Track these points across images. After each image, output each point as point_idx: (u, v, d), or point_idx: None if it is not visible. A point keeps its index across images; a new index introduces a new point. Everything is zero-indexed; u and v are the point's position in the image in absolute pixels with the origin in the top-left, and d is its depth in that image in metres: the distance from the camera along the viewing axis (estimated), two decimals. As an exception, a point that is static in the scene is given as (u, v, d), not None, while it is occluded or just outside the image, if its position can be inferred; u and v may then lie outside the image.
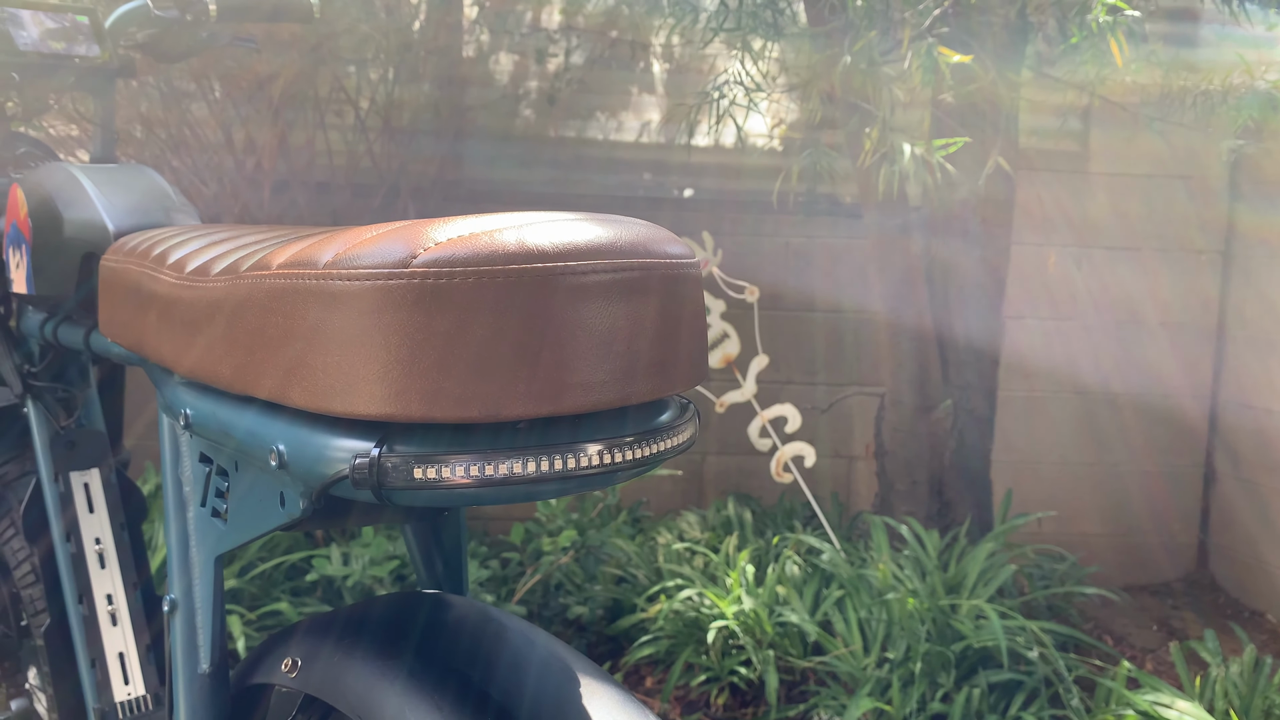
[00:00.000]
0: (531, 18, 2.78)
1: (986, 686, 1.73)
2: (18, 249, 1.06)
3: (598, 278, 0.47)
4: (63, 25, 1.21)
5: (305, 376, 0.49)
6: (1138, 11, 1.79)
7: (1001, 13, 1.97)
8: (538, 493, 0.49)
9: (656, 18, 2.44)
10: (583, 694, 0.56)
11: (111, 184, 0.96)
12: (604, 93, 2.85)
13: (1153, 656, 2.23)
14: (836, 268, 2.70)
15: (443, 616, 0.64)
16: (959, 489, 2.25)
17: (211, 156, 2.37)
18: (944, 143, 1.77)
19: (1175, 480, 2.78)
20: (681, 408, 0.56)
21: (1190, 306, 2.74)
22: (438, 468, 0.47)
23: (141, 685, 1.09)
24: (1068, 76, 2.20)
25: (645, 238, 0.51)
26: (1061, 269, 2.71)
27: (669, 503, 2.67)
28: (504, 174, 2.82)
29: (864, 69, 1.89)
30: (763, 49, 2.10)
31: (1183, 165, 2.68)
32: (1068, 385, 2.74)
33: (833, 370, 2.73)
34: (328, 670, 0.61)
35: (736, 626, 1.88)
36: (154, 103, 2.32)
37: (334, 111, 2.48)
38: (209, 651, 0.69)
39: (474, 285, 0.44)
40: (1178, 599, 2.66)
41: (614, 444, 0.49)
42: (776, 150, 2.80)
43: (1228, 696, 1.68)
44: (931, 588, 1.88)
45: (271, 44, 2.20)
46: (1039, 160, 2.64)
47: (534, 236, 0.47)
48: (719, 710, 1.88)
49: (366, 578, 1.98)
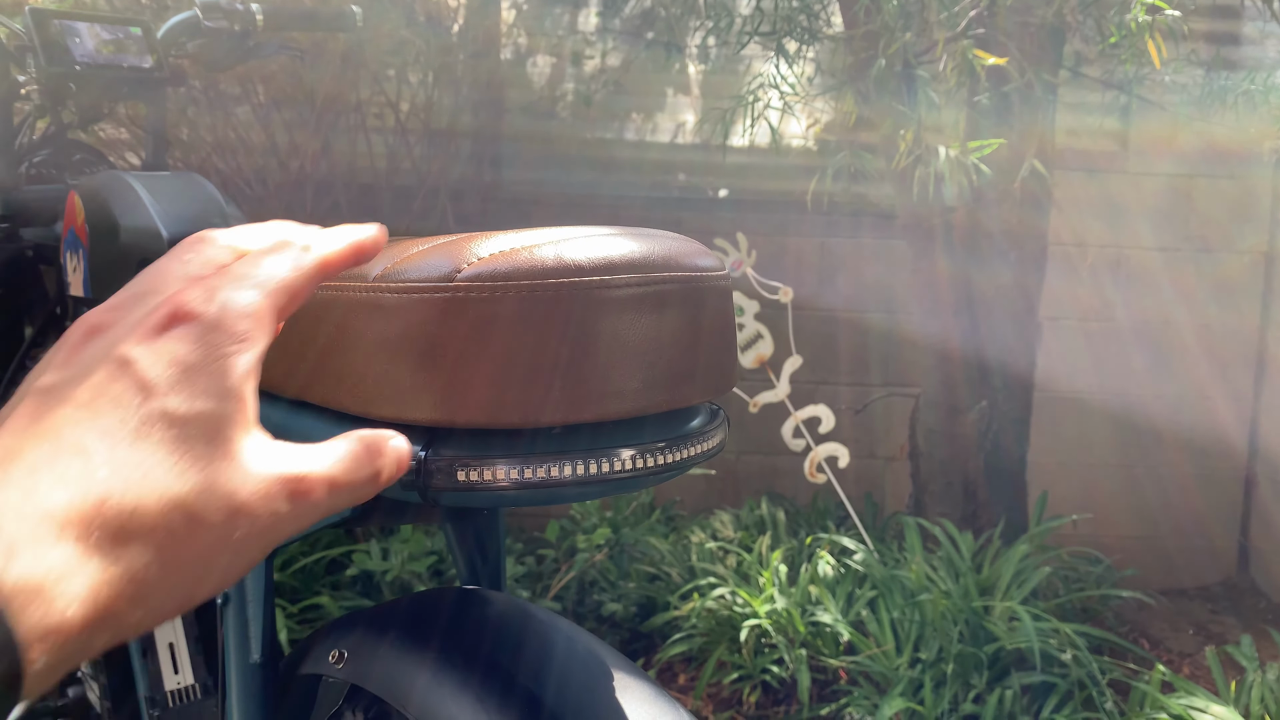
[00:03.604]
0: (568, 21, 2.81)
1: (1019, 688, 1.74)
2: (75, 253, 1.10)
3: (632, 291, 0.49)
4: (117, 36, 1.25)
5: (355, 383, 0.51)
6: (1177, 11, 1.77)
7: (1038, 13, 1.96)
8: (573, 495, 0.51)
9: (693, 20, 2.46)
10: (622, 693, 0.58)
11: (165, 192, 1.00)
12: (640, 94, 2.87)
13: (1189, 661, 2.22)
14: (871, 269, 2.70)
15: (484, 612, 0.66)
16: (993, 490, 2.24)
17: (256, 159, 2.43)
18: (979, 144, 1.77)
19: (1214, 483, 2.75)
20: (712, 414, 0.58)
21: (1231, 308, 2.71)
22: (480, 470, 0.49)
23: (190, 675, 1.13)
24: (1105, 77, 2.19)
25: (677, 251, 0.53)
26: (1099, 270, 2.69)
27: (702, 502, 2.69)
28: (541, 175, 2.85)
29: (899, 71, 1.90)
30: (797, 52, 2.11)
31: (1224, 165, 2.65)
32: (1104, 387, 2.72)
33: (867, 371, 2.73)
34: (373, 662, 0.63)
35: (769, 625, 1.89)
36: (200, 106, 2.38)
37: (375, 115, 2.52)
38: (260, 643, 0.72)
39: (514, 299, 0.47)
40: (1216, 603, 2.63)
41: (646, 449, 0.51)
42: (811, 151, 2.80)
43: (1264, 702, 1.66)
44: (965, 589, 1.89)
45: (314, 49, 2.25)
46: (1076, 160, 2.62)
47: (571, 252, 0.49)
48: (751, 708, 1.90)
49: (405, 572, 2.02)
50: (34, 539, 0.28)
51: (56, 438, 0.31)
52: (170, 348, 0.34)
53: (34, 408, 0.33)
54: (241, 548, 0.33)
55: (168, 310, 0.35)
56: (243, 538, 0.33)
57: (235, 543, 0.33)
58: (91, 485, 0.30)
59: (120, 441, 0.31)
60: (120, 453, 0.31)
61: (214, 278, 0.37)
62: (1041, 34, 2.02)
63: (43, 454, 0.30)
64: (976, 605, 1.84)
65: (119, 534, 0.30)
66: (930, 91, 1.90)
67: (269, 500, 0.34)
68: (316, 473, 0.36)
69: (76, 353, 0.35)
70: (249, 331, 0.35)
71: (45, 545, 0.28)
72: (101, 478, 0.30)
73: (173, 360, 0.34)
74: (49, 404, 0.32)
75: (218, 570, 0.33)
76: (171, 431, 0.32)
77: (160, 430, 0.32)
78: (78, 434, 0.31)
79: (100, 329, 0.36)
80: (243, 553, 0.34)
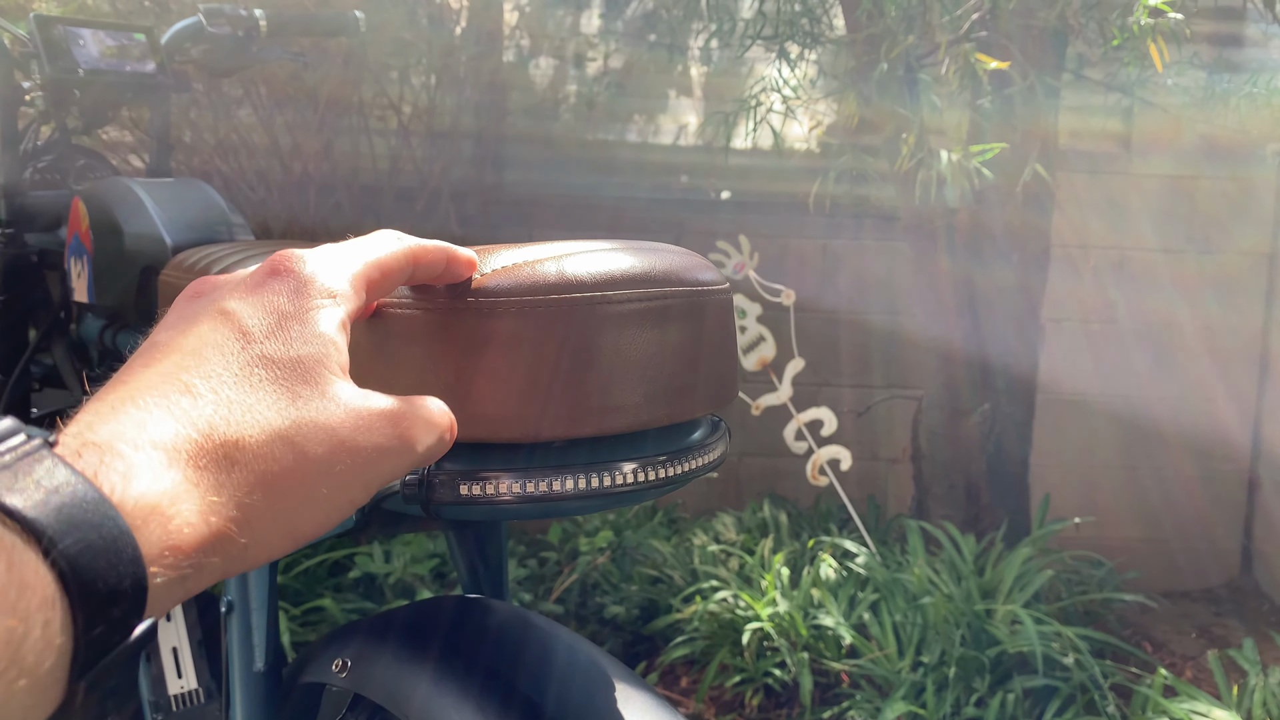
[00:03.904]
0: (571, 22, 2.81)
1: (1021, 692, 1.74)
2: (79, 259, 1.10)
3: (633, 306, 0.49)
4: (121, 42, 1.25)
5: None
6: (1180, 15, 1.77)
7: (1041, 16, 1.96)
8: (575, 508, 0.51)
9: (695, 22, 2.46)
10: (623, 702, 0.58)
11: (169, 199, 1.00)
12: (642, 96, 2.87)
13: (1192, 664, 2.22)
14: (873, 271, 2.70)
15: (487, 622, 0.66)
16: (996, 493, 2.24)
17: (258, 160, 2.43)
18: (981, 148, 1.77)
19: (1218, 485, 2.75)
20: (713, 426, 0.58)
21: (1234, 309, 2.71)
22: (482, 484, 0.50)
23: (194, 679, 1.13)
24: (1108, 79, 2.19)
25: (678, 266, 0.53)
26: (1102, 271, 2.69)
27: (704, 504, 2.69)
28: (543, 177, 2.85)
29: (901, 74, 1.90)
30: (800, 55, 2.11)
31: (1226, 166, 2.64)
32: (1107, 389, 2.72)
33: (869, 373, 2.73)
34: (377, 671, 0.64)
35: (771, 628, 1.89)
36: (203, 109, 2.39)
37: (377, 116, 2.53)
38: (264, 651, 0.73)
39: (517, 314, 0.47)
40: (1220, 605, 2.63)
41: (647, 462, 0.52)
42: (814, 153, 2.80)
43: (1266, 706, 1.66)
44: (967, 592, 1.89)
45: (316, 51, 2.25)
46: (1079, 161, 2.62)
47: (573, 267, 0.49)
48: (753, 711, 1.90)
49: (408, 575, 2.02)
50: (149, 465, 0.30)
51: (166, 380, 0.34)
52: (267, 300, 0.37)
53: (146, 358, 0.35)
54: (343, 481, 0.35)
55: (269, 267, 0.39)
56: (344, 471, 0.35)
57: (336, 475, 0.35)
58: (198, 419, 0.33)
59: (225, 382, 0.34)
60: (225, 391, 0.34)
61: (316, 248, 0.41)
62: (1044, 37, 2.02)
63: (155, 394, 0.33)
64: (979, 608, 1.84)
65: (224, 462, 0.32)
66: (933, 94, 1.90)
67: (370, 435, 0.36)
68: (413, 414, 0.38)
69: (184, 309, 0.38)
70: (338, 291, 0.39)
71: (159, 469, 0.31)
72: (208, 413, 0.33)
73: (270, 309, 0.37)
74: (159, 354, 0.35)
75: (320, 503, 0.35)
76: (271, 373, 0.35)
77: (261, 371, 0.35)
78: (187, 377, 0.34)
79: (204, 291, 0.39)
80: (344, 487, 0.35)
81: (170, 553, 0.30)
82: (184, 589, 0.31)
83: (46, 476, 0.28)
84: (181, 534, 0.30)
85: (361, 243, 0.42)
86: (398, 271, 0.42)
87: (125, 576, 0.29)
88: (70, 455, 0.30)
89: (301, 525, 0.34)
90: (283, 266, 0.38)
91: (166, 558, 0.30)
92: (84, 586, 0.28)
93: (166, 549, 0.30)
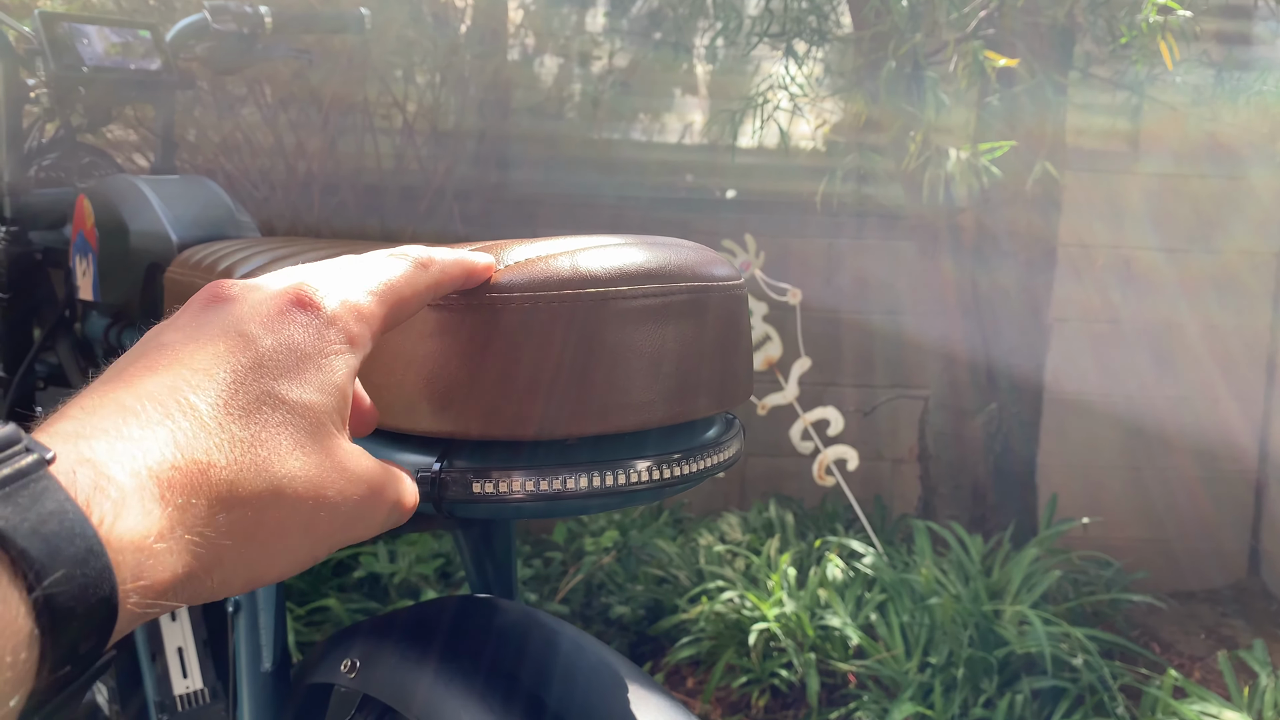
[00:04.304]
0: (576, 21, 2.80)
1: (1030, 693, 1.73)
2: (84, 257, 1.10)
3: (647, 301, 0.49)
4: (125, 39, 1.25)
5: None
6: (1189, 12, 1.77)
7: (1048, 14, 1.95)
8: (588, 506, 0.51)
9: (701, 20, 2.45)
10: (632, 701, 0.58)
11: (174, 196, 0.99)
12: (647, 95, 2.87)
13: (1201, 665, 2.21)
14: (880, 270, 2.69)
15: (496, 621, 0.66)
16: (1003, 493, 2.23)
17: (262, 159, 2.43)
18: (989, 146, 1.77)
19: (1224, 486, 2.74)
20: (727, 424, 0.57)
21: (1241, 310, 2.69)
22: (495, 482, 0.49)
23: (200, 679, 1.12)
24: (1116, 78, 2.18)
25: (692, 261, 0.52)
26: (1108, 271, 2.68)
27: (710, 504, 2.68)
28: (548, 176, 2.85)
29: (908, 72, 1.89)
30: (807, 53, 2.10)
31: (1235, 166, 2.63)
32: (1113, 389, 2.71)
33: (875, 373, 2.72)
34: (385, 672, 0.63)
35: (778, 629, 1.88)
36: (207, 107, 2.38)
37: (381, 115, 2.52)
38: (271, 651, 0.72)
39: (529, 310, 0.46)
40: (1227, 606, 2.62)
41: (661, 460, 0.51)
42: (820, 152, 2.80)
43: (1277, 707, 1.65)
44: (974, 593, 1.88)
45: (321, 49, 2.25)
46: (1087, 160, 2.61)
47: (586, 262, 0.48)
48: (760, 712, 1.89)
49: (413, 575, 2.02)
50: (140, 495, 0.30)
51: (172, 394, 0.32)
52: (288, 334, 0.36)
53: (152, 359, 0.34)
54: (316, 537, 0.35)
55: (292, 296, 0.37)
56: (320, 528, 0.35)
57: (311, 532, 0.35)
58: (197, 449, 0.32)
59: (231, 414, 0.33)
60: (231, 426, 0.33)
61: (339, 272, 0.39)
62: (1052, 35, 2.01)
63: (157, 408, 0.32)
64: (986, 609, 1.83)
65: (214, 503, 0.32)
66: (940, 93, 1.89)
67: (351, 498, 0.36)
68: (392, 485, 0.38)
69: (200, 316, 0.36)
70: (359, 334, 0.38)
71: (150, 503, 0.30)
72: (209, 445, 0.32)
73: (289, 346, 0.36)
74: (166, 359, 0.34)
75: (289, 554, 0.34)
76: (279, 414, 0.34)
77: (269, 411, 0.34)
78: (194, 397, 0.33)
79: (226, 298, 0.37)
80: (315, 543, 0.35)
81: (140, 592, 0.30)
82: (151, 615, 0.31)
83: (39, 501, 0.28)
84: (155, 573, 0.30)
85: (386, 270, 0.40)
86: (418, 306, 0.42)
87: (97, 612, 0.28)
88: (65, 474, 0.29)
89: (265, 572, 0.34)
90: (307, 298, 0.37)
91: (135, 596, 0.29)
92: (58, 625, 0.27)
93: (138, 588, 0.29)
